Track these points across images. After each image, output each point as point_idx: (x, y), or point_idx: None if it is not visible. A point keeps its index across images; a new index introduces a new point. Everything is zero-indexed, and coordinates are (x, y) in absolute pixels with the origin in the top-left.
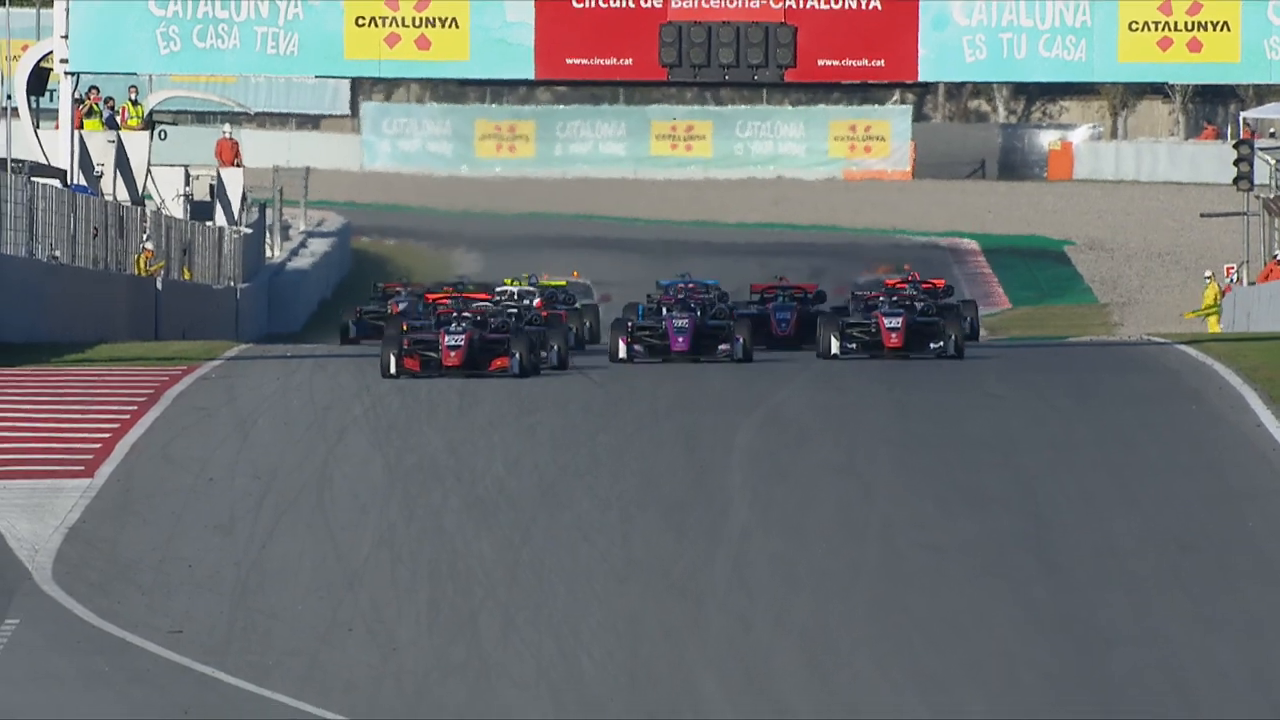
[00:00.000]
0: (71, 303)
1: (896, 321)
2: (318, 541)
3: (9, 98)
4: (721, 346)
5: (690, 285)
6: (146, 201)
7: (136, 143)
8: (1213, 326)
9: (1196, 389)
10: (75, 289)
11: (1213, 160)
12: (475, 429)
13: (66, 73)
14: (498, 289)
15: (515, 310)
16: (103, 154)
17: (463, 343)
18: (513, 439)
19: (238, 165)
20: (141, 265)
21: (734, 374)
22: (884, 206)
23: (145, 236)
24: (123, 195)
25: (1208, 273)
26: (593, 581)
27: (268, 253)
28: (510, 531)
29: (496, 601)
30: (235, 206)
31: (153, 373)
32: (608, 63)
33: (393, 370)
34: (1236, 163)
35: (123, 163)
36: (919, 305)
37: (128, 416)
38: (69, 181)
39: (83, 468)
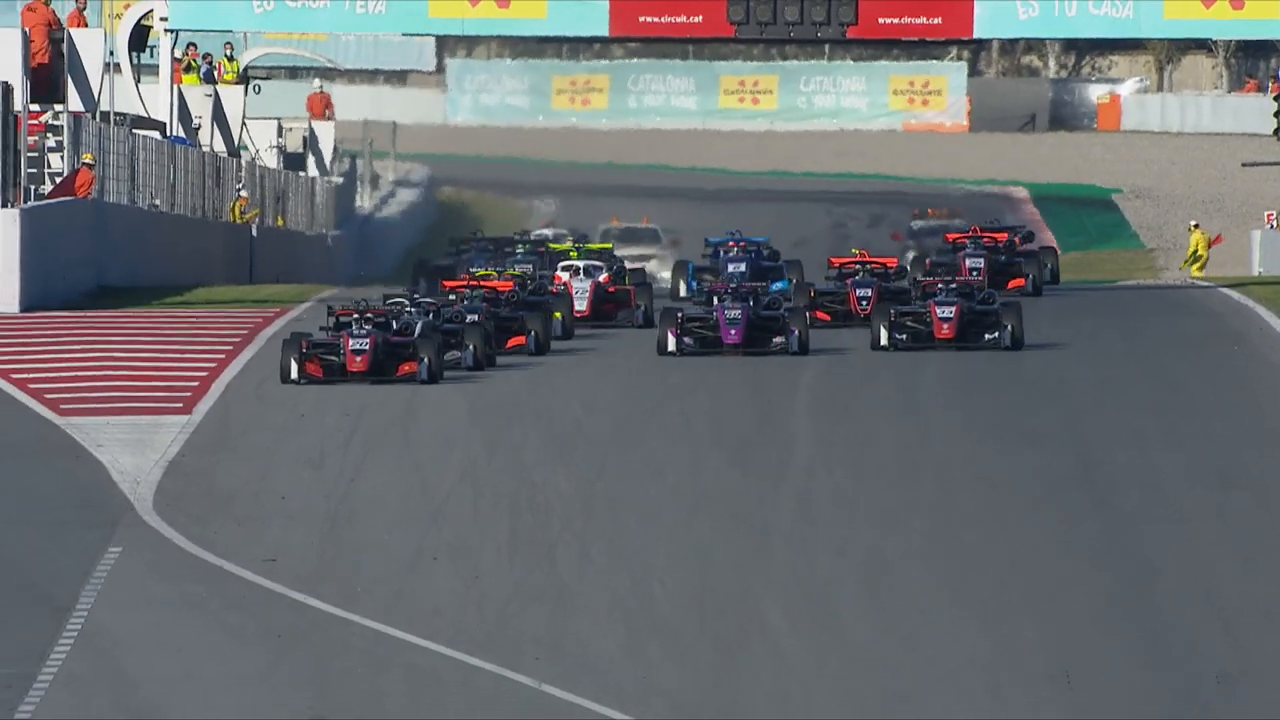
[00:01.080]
0: (171, 248)
1: (949, 311)
2: (404, 475)
3: (111, 54)
4: (776, 339)
5: (740, 243)
6: (242, 152)
7: (232, 97)
8: (1195, 273)
9: (1239, 331)
10: (174, 235)
11: (1254, 112)
12: (554, 370)
13: (166, 30)
14: (561, 265)
15: (492, 298)
16: (200, 107)
17: (367, 347)
18: (589, 380)
19: (329, 118)
20: (236, 213)
21: None
22: (940, 157)
23: (240, 185)
24: (219, 146)
25: (1193, 222)
26: (664, 515)
27: (358, 201)
28: (586, 467)
29: (573, 533)
30: (327, 158)
31: (248, 315)
32: (678, 20)
33: (294, 376)
34: (1277, 114)
35: (219, 115)
36: (978, 295)
37: (224, 356)
38: (168, 133)
39: (181, 405)
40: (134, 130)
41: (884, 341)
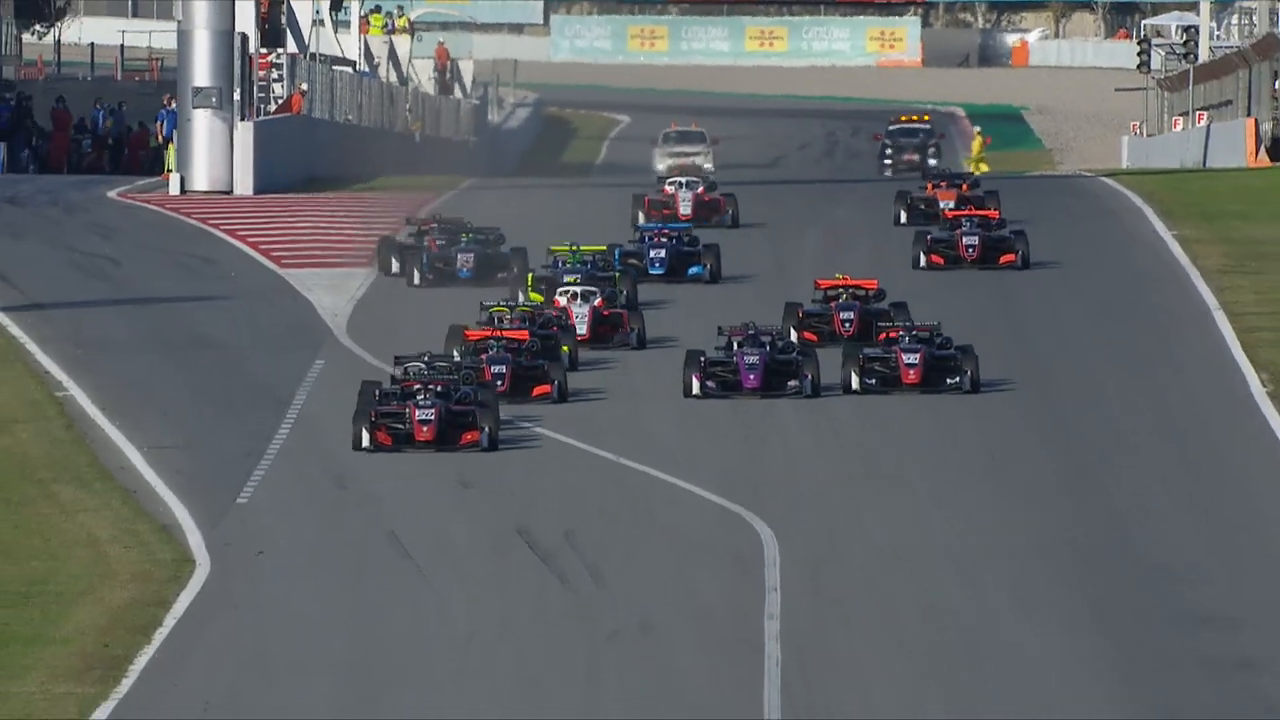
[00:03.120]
0: (360, 149)
1: (914, 357)
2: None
3: (318, 13)
4: (790, 382)
5: (664, 230)
6: (408, 83)
7: (402, 43)
8: (982, 168)
9: (1112, 208)
10: (362, 141)
11: (1124, 53)
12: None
13: None
14: (560, 290)
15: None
16: (380, 51)
17: (433, 418)
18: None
19: (449, 61)
20: (406, 124)
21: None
22: (902, 85)
23: (408, 106)
24: (392, 78)
25: (977, 127)
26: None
27: (489, 117)
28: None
29: (642, 364)
30: (468, 86)
31: (416, 196)
32: None
33: (365, 444)
34: (1139, 54)
35: (393, 56)
36: (937, 339)
37: (397, 225)
38: (356, 69)
39: (365, 260)
40: (333, 67)
41: (855, 385)
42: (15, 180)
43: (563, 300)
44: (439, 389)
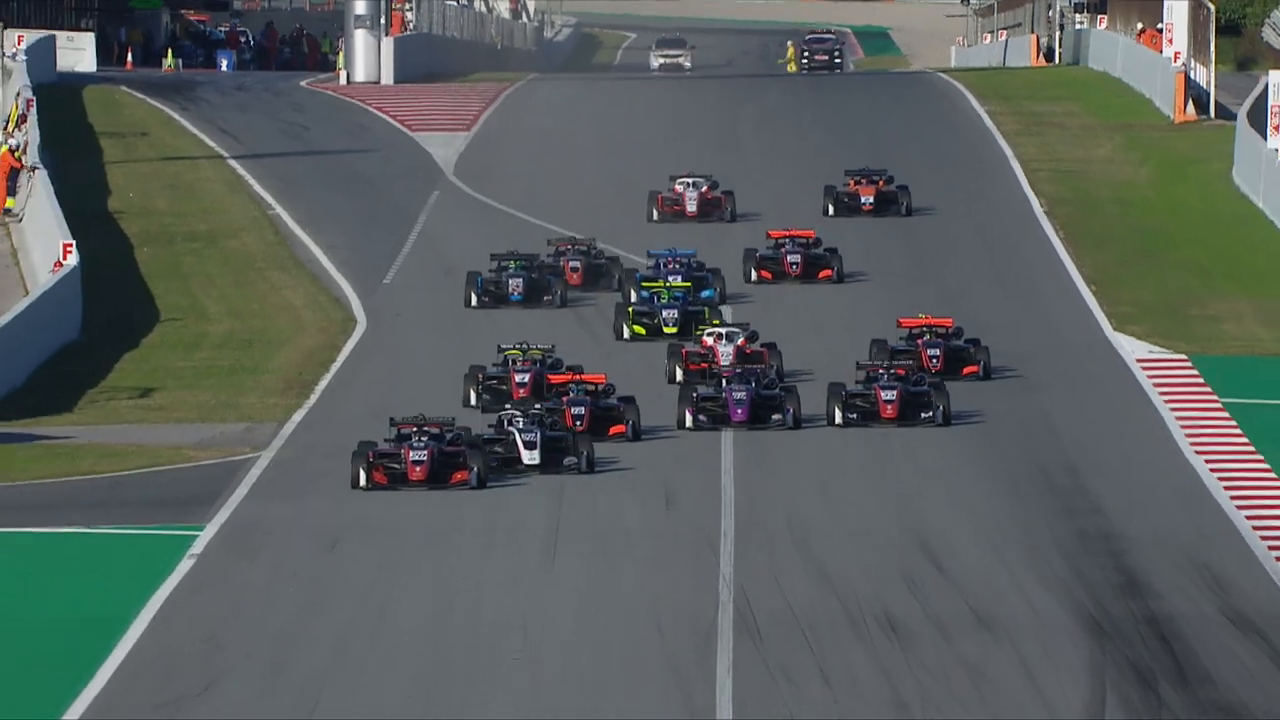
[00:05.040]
0: (461, 55)
1: (892, 394)
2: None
3: None
4: (775, 416)
5: (677, 258)
6: (493, 10)
7: None
8: (791, 69)
9: (945, 94)
10: (462, 50)
11: None
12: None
13: None
14: (707, 331)
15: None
16: None
17: (426, 459)
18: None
19: None
20: (491, 38)
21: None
22: (810, 12)
23: (493, 27)
24: (482, 8)
25: (789, 40)
26: None
27: (545, 34)
28: None
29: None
30: (531, 13)
31: (498, 85)
32: None
33: (362, 484)
34: None
35: None
36: (912, 378)
37: (489, 100)
38: (459, 2)
39: (466, 127)
40: (446, 2)
41: (838, 420)
42: (241, 75)
43: (709, 340)
44: (434, 431)
